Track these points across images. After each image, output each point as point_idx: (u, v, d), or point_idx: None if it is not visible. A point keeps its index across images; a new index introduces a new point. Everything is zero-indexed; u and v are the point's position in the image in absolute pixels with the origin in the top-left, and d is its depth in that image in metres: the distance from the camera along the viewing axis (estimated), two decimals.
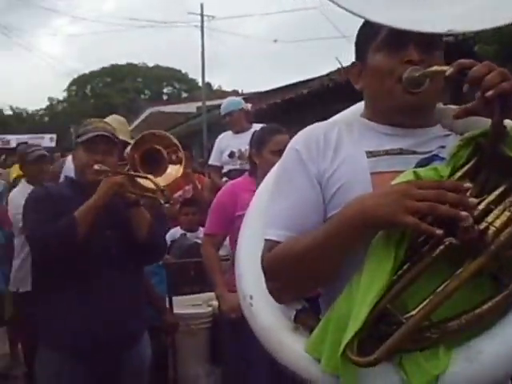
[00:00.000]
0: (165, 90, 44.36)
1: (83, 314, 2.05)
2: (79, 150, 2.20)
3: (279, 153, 1.32)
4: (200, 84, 20.55)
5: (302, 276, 1.06)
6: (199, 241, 3.55)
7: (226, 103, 4.79)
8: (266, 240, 1.12)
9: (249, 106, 4.84)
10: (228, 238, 2.83)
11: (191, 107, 16.86)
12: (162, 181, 2.27)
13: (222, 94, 16.94)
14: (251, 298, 1.24)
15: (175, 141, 2.38)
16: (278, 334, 1.15)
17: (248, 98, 8.25)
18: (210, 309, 3.42)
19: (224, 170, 4.68)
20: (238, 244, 1.38)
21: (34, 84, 71.20)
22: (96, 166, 2.14)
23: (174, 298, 3.34)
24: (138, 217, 2.18)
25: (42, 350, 2.18)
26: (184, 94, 39.79)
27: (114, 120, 3.14)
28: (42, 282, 2.21)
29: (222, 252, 3.01)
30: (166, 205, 2.53)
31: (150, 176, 2.24)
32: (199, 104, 15.53)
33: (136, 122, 17.18)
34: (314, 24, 25.95)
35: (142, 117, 17.57)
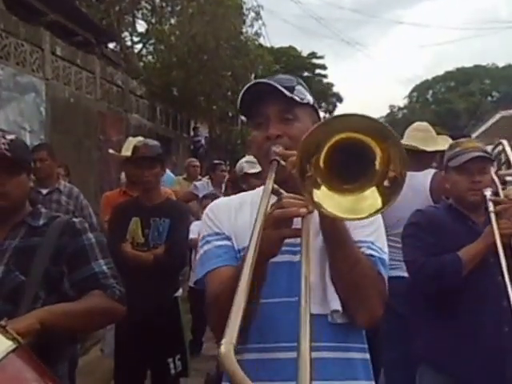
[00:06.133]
0: None
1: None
2: (452, 174, 2.24)
3: None
4: None
5: None
6: None
7: None
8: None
9: None
10: None
11: None
12: None
13: None
14: None
15: None
16: None
17: None
18: None
19: None
20: None
21: (375, 92, 73.78)
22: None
23: None
24: None
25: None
26: None
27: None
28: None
29: None
30: None
31: None
32: None
33: (484, 127, 16.04)
34: None
35: (493, 120, 16.22)
